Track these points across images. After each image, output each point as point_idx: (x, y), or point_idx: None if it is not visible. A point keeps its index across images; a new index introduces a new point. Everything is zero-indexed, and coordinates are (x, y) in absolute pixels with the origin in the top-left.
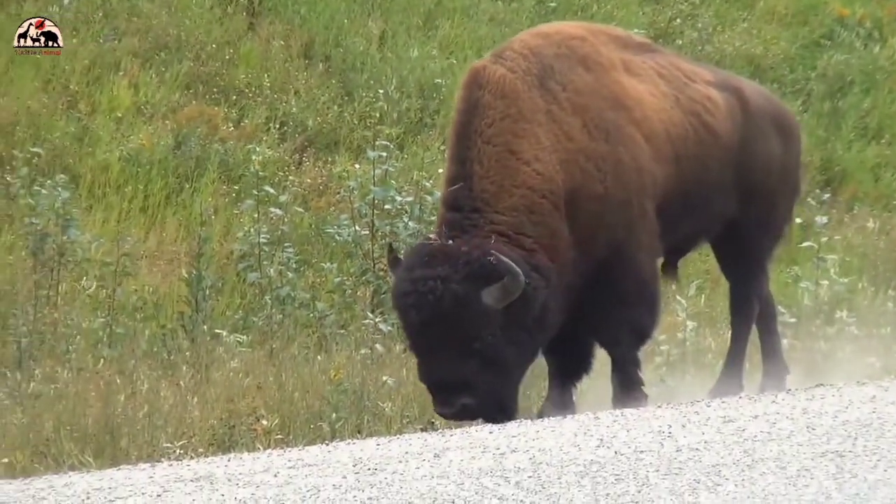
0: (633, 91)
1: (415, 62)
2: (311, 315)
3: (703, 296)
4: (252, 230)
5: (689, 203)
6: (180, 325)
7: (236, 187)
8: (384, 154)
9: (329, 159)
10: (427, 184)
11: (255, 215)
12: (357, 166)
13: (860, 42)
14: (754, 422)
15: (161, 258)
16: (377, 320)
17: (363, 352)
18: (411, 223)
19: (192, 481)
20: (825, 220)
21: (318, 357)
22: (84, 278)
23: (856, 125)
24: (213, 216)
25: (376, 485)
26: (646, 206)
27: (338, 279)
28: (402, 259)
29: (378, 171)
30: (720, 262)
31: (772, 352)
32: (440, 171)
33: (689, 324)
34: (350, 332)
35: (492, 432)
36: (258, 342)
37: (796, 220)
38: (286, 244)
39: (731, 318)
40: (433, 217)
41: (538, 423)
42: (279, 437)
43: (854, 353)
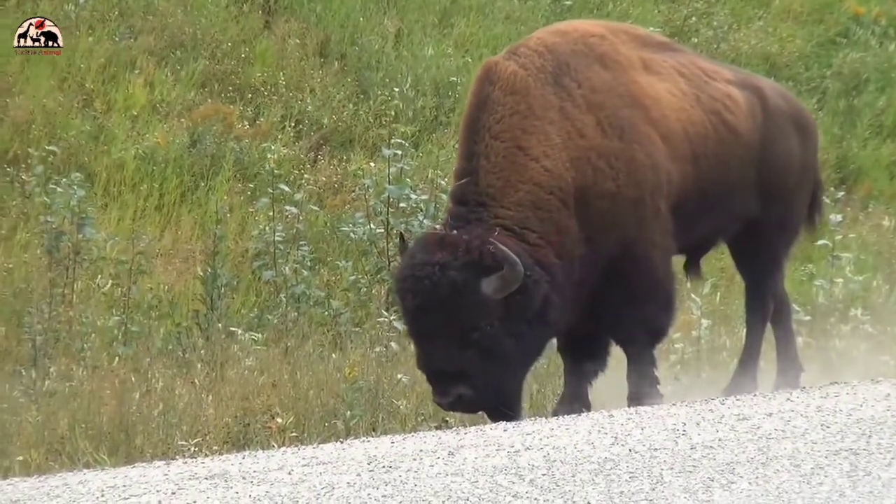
0: (651, 90)
1: (430, 60)
2: (326, 313)
3: (717, 294)
4: (267, 228)
5: (708, 202)
6: (195, 323)
7: (251, 185)
8: (399, 152)
9: (344, 157)
10: (442, 182)
11: (271, 213)
12: (372, 164)
13: (875, 40)
14: (769, 419)
15: (176, 256)
16: (392, 318)
17: (378, 350)
18: (426, 221)
19: (206, 479)
20: (840, 218)
21: (333, 355)
22: (99, 276)
23: (871, 123)
24: (229, 214)
25: (391, 482)
26: (659, 204)
27: (353, 277)
28: (407, 248)
29: (393, 170)
30: (736, 260)
31: (786, 350)
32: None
33: (704, 322)
34: (365, 330)
35: (506, 430)
36: (273, 340)
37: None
38: (301, 242)
39: (746, 316)
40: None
41: (552, 420)
42: (294, 434)
43: (868, 351)
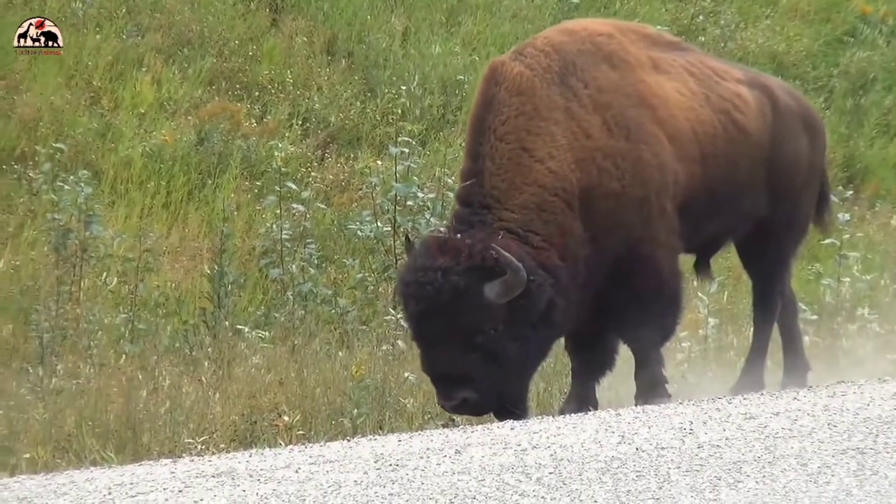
0: (659, 89)
1: (437, 59)
2: (333, 311)
3: (725, 293)
4: (274, 226)
5: (717, 202)
6: (202, 320)
7: (258, 183)
8: (406, 150)
9: (351, 155)
10: (449, 180)
11: (278, 211)
12: (379, 162)
13: (883, 39)
14: (775, 419)
15: (183, 254)
16: (399, 317)
17: (385, 348)
18: (433, 219)
19: (213, 477)
20: (847, 217)
21: (340, 353)
22: (106, 274)
23: (878, 122)
24: (236, 212)
25: (397, 481)
26: (665, 204)
27: (360, 275)
28: (411, 251)
29: (400, 168)
30: (743, 260)
31: (793, 349)
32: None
33: (711, 320)
34: (372, 329)
35: (513, 429)
36: (280, 338)
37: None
38: (308, 240)
39: (753, 315)
40: None
41: (559, 419)
42: (301, 432)
43: (875, 351)
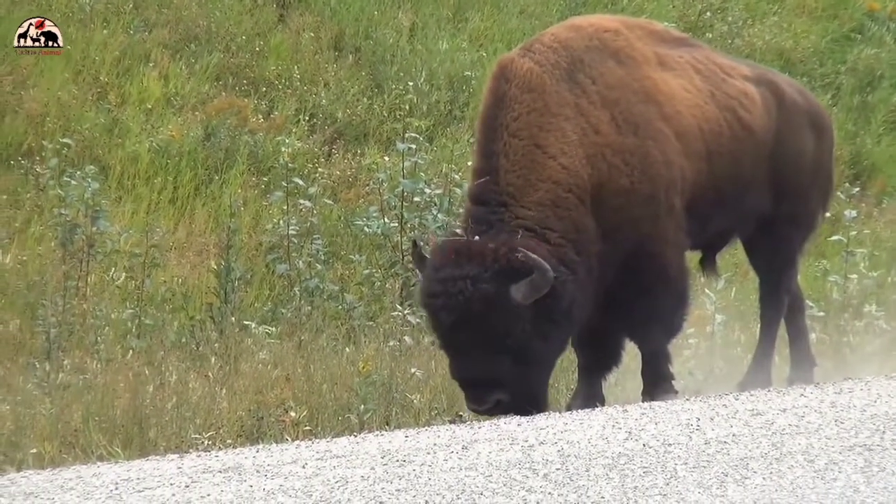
0: (665, 86)
1: (444, 55)
2: (340, 307)
3: (732, 289)
4: (281, 222)
5: (723, 199)
6: (209, 316)
7: (265, 179)
8: (413, 146)
9: (358, 151)
10: (456, 176)
11: (285, 207)
12: (386, 158)
13: (890, 36)
14: (782, 415)
15: (190, 249)
16: (406, 312)
17: (392, 343)
18: (440, 215)
19: (220, 472)
20: (854, 213)
21: (347, 349)
22: (113, 269)
23: (885, 119)
24: (243, 208)
25: (404, 476)
26: (673, 201)
27: (366, 271)
28: (429, 256)
29: (407, 164)
30: (750, 257)
31: (800, 345)
32: (469, 163)
33: (718, 317)
34: (378, 324)
35: (520, 424)
36: (287, 334)
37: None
38: (315, 236)
39: (760, 311)
40: (462, 209)
41: (567, 415)
42: (307, 428)
43: (882, 347)
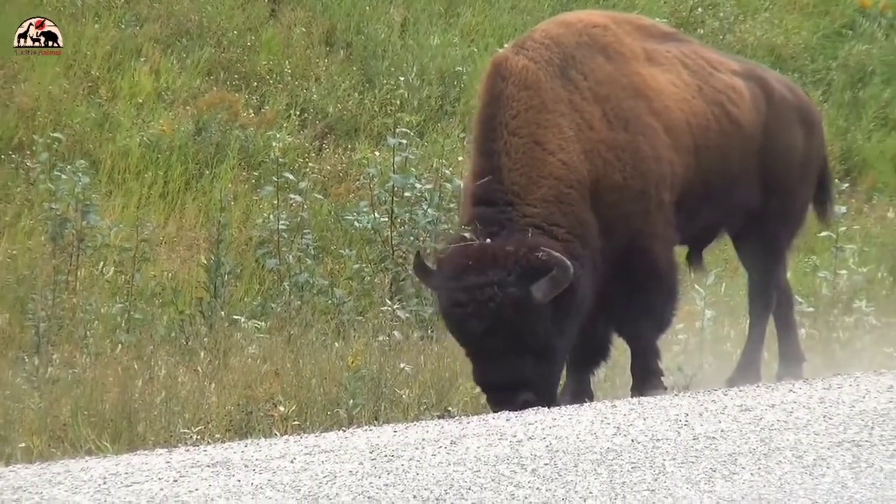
0: (654, 81)
1: (436, 50)
2: (330, 302)
3: (721, 285)
4: (271, 216)
5: (710, 193)
6: (198, 310)
7: (256, 174)
8: (404, 141)
9: (349, 146)
10: (447, 171)
11: (275, 202)
12: (377, 153)
13: (881, 32)
14: (771, 411)
15: (180, 244)
16: (395, 307)
17: (381, 338)
18: (430, 210)
19: (208, 467)
20: (844, 209)
21: (336, 344)
22: (103, 264)
23: (876, 115)
24: (233, 202)
25: (392, 471)
26: (663, 196)
27: (356, 266)
28: (442, 265)
29: (398, 159)
30: (739, 252)
31: (789, 341)
32: (460, 158)
33: (708, 312)
34: (368, 319)
35: (508, 420)
36: (276, 328)
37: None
38: (305, 231)
39: (749, 307)
40: (452, 205)
41: (555, 410)
42: (296, 423)
43: (872, 343)
